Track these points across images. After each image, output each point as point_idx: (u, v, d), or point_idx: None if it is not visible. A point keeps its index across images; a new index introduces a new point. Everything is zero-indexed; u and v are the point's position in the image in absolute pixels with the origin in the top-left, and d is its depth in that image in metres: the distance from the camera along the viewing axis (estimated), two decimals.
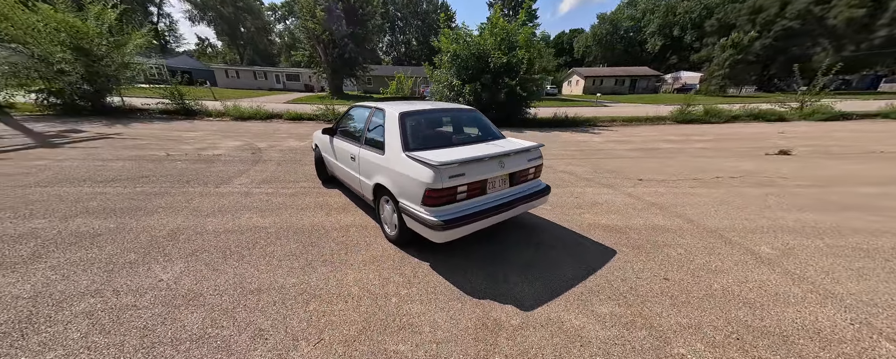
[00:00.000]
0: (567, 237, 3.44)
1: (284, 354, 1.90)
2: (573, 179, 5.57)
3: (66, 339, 1.99)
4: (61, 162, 5.97)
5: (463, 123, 3.96)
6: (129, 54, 11.61)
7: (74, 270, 2.70)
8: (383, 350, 1.95)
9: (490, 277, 2.71)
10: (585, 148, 8.38)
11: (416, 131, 3.22)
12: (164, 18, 59.09)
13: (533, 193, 3.25)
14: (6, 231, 3.34)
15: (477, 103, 12.61)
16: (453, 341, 2.02)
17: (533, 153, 3.24)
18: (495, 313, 2.27)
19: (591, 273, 2.78)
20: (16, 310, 2.22)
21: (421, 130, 3.35)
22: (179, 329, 2.08)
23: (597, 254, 3.10)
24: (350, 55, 26.37)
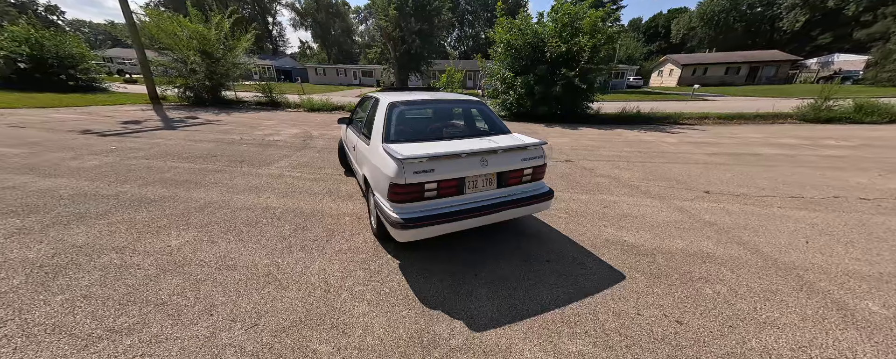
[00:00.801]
0: (569, 252, 2.90)
1: (217, 333, 1.92)
2: (613, 185, 4.75)
3: (77, 286, 2.32)
4: (168, 141, 7.25)
5: (463, 115, 3.62)
6: (238, 56, 13.70)
7: (119, 228, 3.17)
8: (304, 347, 1.83)
9: (456, 286, 2.40)
10: (648, 150, 7.15)
11: (401, 122, 3.01)
12: (276, 27, 68.74)
13: (528, 197, 2.80)
14: (100, 191, 4.12)
15: (530, 97, 11.76)
16: (377, 352, 1.81)
17: (531, 152, 2.78)
18: (439, 328, 1.99)
19: (576, 299, 2.27)
20: (64, 256, 2.68)
21: (408, 121, 3.14)
22: (153, 292, 2.26)
23: (597, 277, 2.54)
24: (416, 51, 27.07)
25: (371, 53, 30.74)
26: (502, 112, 13.30)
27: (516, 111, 12.72)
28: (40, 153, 5.88)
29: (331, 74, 47.37)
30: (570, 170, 5.52)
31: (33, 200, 3.81)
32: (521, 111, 12.56)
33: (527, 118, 12.50)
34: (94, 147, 6.45)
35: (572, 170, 5.53)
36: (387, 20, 24.93)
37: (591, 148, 7.39)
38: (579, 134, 9.53)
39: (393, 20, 24.64)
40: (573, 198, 4.20)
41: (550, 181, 4.80)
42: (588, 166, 5.76)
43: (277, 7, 66.72)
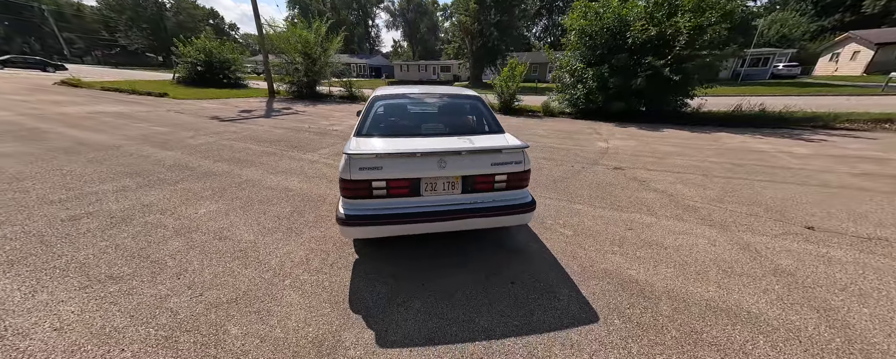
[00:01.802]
0: (546, 278, 2.40)
1: (170, 296, 2.13)
2: (661, 203, 3.80)
3: (119, 236, 2.85)
4: (258, 127, 8.53)
5: (454, 112, 3.30)
6: (330, 56, 15.48)
7: (176, 194, 3.82)
8: (221, 325, 1.90)
9: (395, 293, 2.20)
10: (751, 162, 5.53)
11: (380, 116, 2.88)
12: (373, 28, 75.14)
13: (498, 207, 2.39)
14: (189, 164, 5.05)
15: (602, 92, 10.27)
16: (278, 345, 1.76)
17: (505, 156, 2.36)
18: (346, 335, 1.84)
19: (516, 335, 1.86)
20: (131, 212, 3.34)
21: (388, 115, 2.98)
22: (156, 251, 2.63)
23: (561, 314, 2.04)
24: (494, 44, 26.22)
25: (449, 49, 31.23)
26: (568, 109, 12.03)
27: (584, 108, 11.32)
28: (176, 132, 7.52)
29: (413, 70, 49.83)
30: (613, 179, 4.64)
31: (147, 167, 4.86)
32: (591, 108, 11.13)
33: (596, 116, 11.07)
34: (209, 129, 7.98)
35: (615, 180, 4.63)
36: (467, 14, 24.90)
37: (661, 155, 6.11)
38: (656, 137, 7.99)
39: (472, 14, 24.47)
40: (593, 213, 3.50)
41: (578, 191, 4.12)
42: (641, 177, 4.76)
43: (376, 10, 72.81)
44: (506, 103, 12.90)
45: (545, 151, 6.42)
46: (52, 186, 3.99)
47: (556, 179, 4.64)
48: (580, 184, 4.42)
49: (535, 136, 8.01)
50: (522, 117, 11.95)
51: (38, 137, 6.48)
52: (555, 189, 4.21)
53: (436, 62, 50.28)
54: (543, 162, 5.52)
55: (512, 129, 8.92)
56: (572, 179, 4.64)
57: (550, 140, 7.51)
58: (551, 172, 4.96)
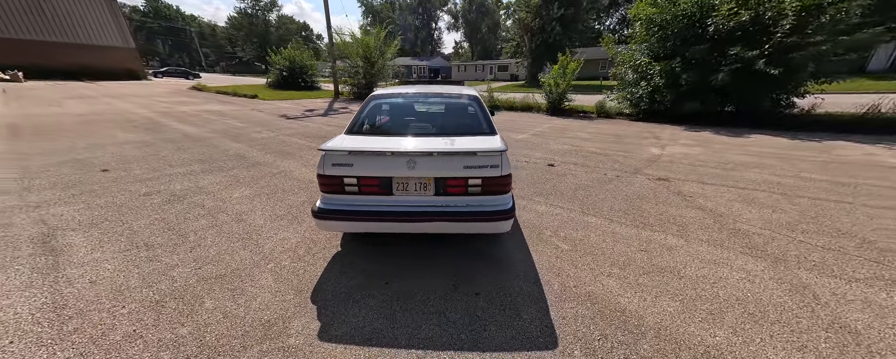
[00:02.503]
0: (516, 293, 2.18)
1: (176, 266, 2.44)
2: (701, 223, 3.17)
3: (169, 211, 3.37)
4: (312, 124, 9.37)
5: (446, 111, 3.20)
6: (387, 59, 16.37)
7: (225, 180, 4.39)
8: (201, 297, 2.12)
9: (358, 288, 2.22)
10: (869, 182, 4.30)
11: (372, 115, 2.91)
12: (436, 30, 76.66)
13: (470, 212, 2.24)
14: (245, 154, 5.78)
15: (671, 89, 8.97)
16: (234, 322, 1.91)
17: (480, 160, 2.19)
18: (296, 323, 1.91)
19: (455, 349, 1.72)
20: (188, 192, 3.94)
21: (380, 114, 2.98)
22: (188, 226, 3.05)
23: (515, 334, 1.83)
24: (555, 40, 24.55)
25: (507, 48, 30.37)
26: (628, 109, 10.80)
27: (648, 108, 10.03)
28: (248, 127, 8.67)
29: (470, 71, 49.73)
30: (650, 192, 4.02)
31: (215, 156, 5.69)
32: (656, 109, 9.82)
33: (662, 117, 9.77)
34: (274, 125, 9.03)
35: (653, 192, 4.01)
36: (527, 10, 23.91)
37: (730, 166, 5.14)
38: (734, 144, 6.75)
39: (533, 9, 23.39)
40: (605, 228, 3.07)
41: (599, 202, 3.69)
42: (688, 192, 4.05)
43: (439, 13, 74.25)
44: (554, 103, 12.11)
45: (581, 156, 5.86)
46: (147, 168, 4.90)
47: (578, 187, 4.20)
48: (606, 194, 3.93)
49: (575, 139, 7.37)
50: (570, 119, 11.13)
51: (156, 129, 8.03)
52: (572, 198, 3.81)
53: (493, 62, 49.55)
54: (573, 168, 5.05)
55: (553, 131, 8.37)
56: (598, 188, 4.15)
57: (593, 144, 6.84)
58: (577, 179, 4.51)
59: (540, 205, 3.62)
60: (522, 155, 5.86)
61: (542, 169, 5.00)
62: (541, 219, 3.27)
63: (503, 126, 9.19)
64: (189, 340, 1.77)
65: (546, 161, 5.46)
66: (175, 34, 72.14)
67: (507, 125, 9.40)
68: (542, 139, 7.37)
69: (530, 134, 8.06)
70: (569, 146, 6.63)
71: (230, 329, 1.85)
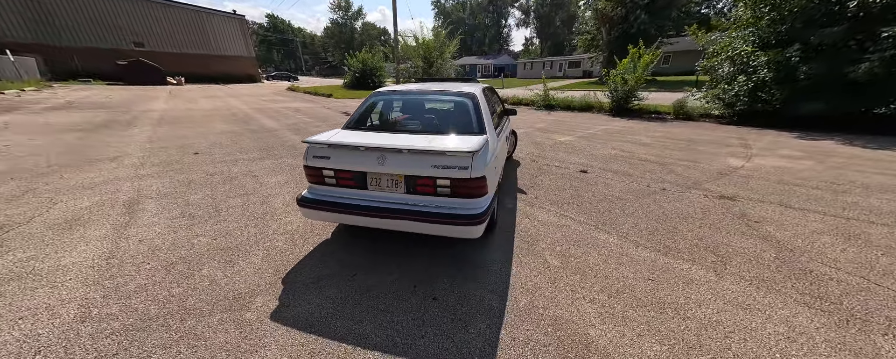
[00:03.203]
0: (476, 304, 2.01)
1: (200, 236, 2.85)
2: (751, 256, 2.50)
3: (219, 189, 3.96)
4: None
5: (439, 109, 3.11)
6: (446, 58, 16.61)
7: (272, 166, 4.98)
8: (202, 264, 2.43)
9: (325, 278, 2.31)
10: None
11: (369, 111, 2.95)
12: (505, 28, 74.37)
13: (441, 213, 2.14)
14: (298, 145, 6.47)
15: (783, 86, 7.24)
16: (214, 290, 2.16)
17: (449, 160, 2.08)
18: (259, 300, 2.07)
19: (383, 350, 1.67)
20: (240, 173, 4.59)
21: (376, 111, 3.00)
22: (224, 203, 3.54)
23: (455, 346, 1.70)
24: (639, 29, 21.43)
25: (580, 42, 27.74)
26: (717, 109, 9.10)
27: (746, 109, 8.28)
28: (314, 122, 9.69)
29: (537, 68, 46.34)
30: (699, 211, 3.33)
31: (276, 145, 6.50)
32: (758, 109, 8.04)
33: (763, 121, 8.01)
34: (334, 120, 9.91)
35: (703, 212, 3.31)
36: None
37: (844, 188, 3.99)
38: (869, 158, 5.28)
39: None
40: (614, 248, 2.63)
41: (623, 217, 3.22)
42: (756, 215, 3.25)
43: (510, 9, 71.41)
44: (619, 102, 10.76)
45: (628, 163, 5.14)
46: (224, 153, 5.84)
47: (605, 198, 3.69)
48: (636, 209, 3.38)
49: (631, 144, 6.48)
50: (637, 120, 9.85)
51: (247, 122, 9.52)
52: (590, 210, 3.37)
53: (563, 58, 45.89)
54: (609, 176, 4.45)
55: (606, 134, 7.50)
56: (630, 201, 3.59)
57: (649, 150, 5.94)
58: (608, 189, 3.97)
59: (548, 214, 3.29)
60: (556, 159, 5.39)
61: (570, 175, 4.53)
62: (541, 229, 2.97)
63: (549, 127, 8.60)
64: (176, 299, 2.05)
65: (581, 167, 4.93)
66: (285, 44, 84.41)
67: (555, 126, 8.75)
68: (588, 143, 6.68)
69: (577, 136, 7.37)
70: (618, 151, 5.88)
71: (208, 296, 2.10)
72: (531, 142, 6.74)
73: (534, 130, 8.28)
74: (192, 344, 1.71)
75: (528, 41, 77.67)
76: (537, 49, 70.68)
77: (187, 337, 1.75)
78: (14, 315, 1.91)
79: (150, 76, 28.76)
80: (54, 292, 2.11)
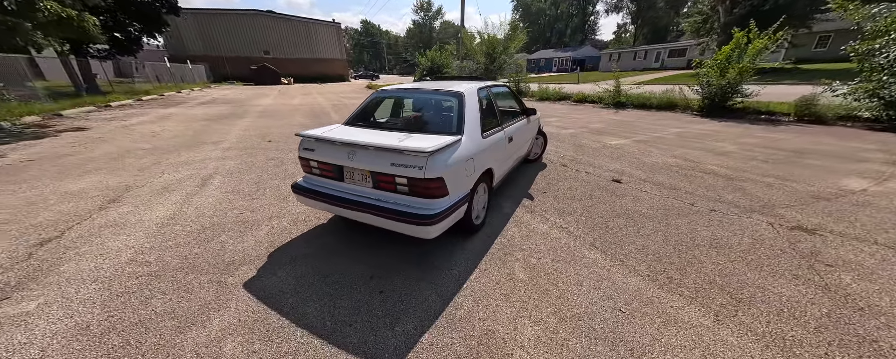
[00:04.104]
0: (415, 305, 1.99)
1: (233, 210, 3.43)
2: (792, 304, 1.90)
3: (267, 172, 4.68)
4: None
5: (424, 108, 3.09)
6: (510, 53, 15.86)
7: None
8: (221, 232, 2.94)
9: (302, 257, 2.56)
10: None
11: (366, 109, 3.08)
12: (592, 16, 66.05)
13: (397, 211, 2.18)
14: None
15: None
16: (214, 254, 2.59)
17: (407, 159, 2.10)
18: (242, 269, 2.41)
19: (314, 333, 1.81)
20: (287, 160, 5.32)
21: (371, 109, 3.12)
22: (268, 183, 4.16)
23: (375, 340, 1.75)
24: (774, 4, 16.76)
25: (688, 25, 23.25)
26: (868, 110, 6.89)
27: None
28: None
29: (626, 59, 39.69)
30: (748, 243, 2.64)
31: None
32: None
33: None
34: None
35: (752, 244, 2.61)
36: None
37: None
38: None
39: None
40: (598, 268, 2.28)
41: (633, 238, 2.84)
42: (839, 257, 2.44)
43: None
44: (712, 99, 8.89)
45: (682, 175, 4.31)
46: (292, 142, 6.80)
47: (626, 214, 3.18)
48: (656, 230, 2.85)
49: (705, 152, 5.36)
50: (734, 122, 8.09)
51: (321, 116, 10.84)
52: (597, 226, 2.96)
53: (661, 46, 38.33)
54: (646, 189, 3.81)
55: (677, 139, 6.41)
56: (656, 221, 3.04)
57: (725, 161, 4.85)
58: (637, 204, 3.41)
59: (545, 224, 3.01)
60: (591, 165, 4.82)
61: (597, 184, 4.02)
62: (527, 239, 2.74)
63: (607, 128, 7.65)
64: (191, 258, 2.54)
65: (618, 175, 4.32)
66: (374, 46, 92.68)
67: (614, 128, 7.74)
68: (645, 147, 5.78)
69: (635, 140, 6.42)
70: (679, 161, 4.96)
71: (212, 258, 2.54)
72: (574, 144, 6.15)
73: (585, 130, 7.50)
74: (181, 295, 2.11)
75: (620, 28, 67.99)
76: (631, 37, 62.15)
77: (181, 289, 2.17)
78: (96, 251, 2.62)
79: (270, 78, 34.96)
80: (127, 239, 2.82)
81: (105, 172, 4.78)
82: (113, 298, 2.09)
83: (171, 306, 2.01)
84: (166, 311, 1.96)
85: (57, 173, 4.73)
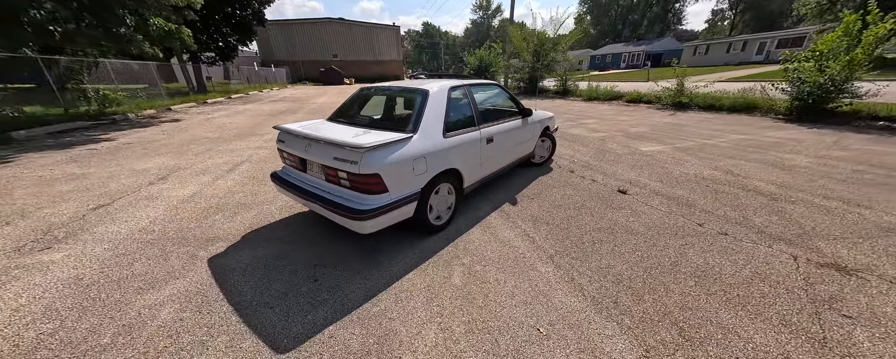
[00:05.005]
0: (343, 297, 2.01)
1: (239, 192, 3.83)
2: None
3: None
4: None
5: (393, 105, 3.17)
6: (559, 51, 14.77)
7: None
8: (220, 213, 3.30)
9: (272, 240, 2.75)
10: None
11: (346, 105, 3.16)
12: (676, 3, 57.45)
13: (338, 203, 2.24)
14: None
15: None
16: (203, 231, 2.92)
17: (345, 154, 2.14)
18: (218, 245, 2.69)
19: (241, 307, 1.95)
20: None
21: (349, 105, 3.17)
22: None
23: (275, 322, 1.81)
24: None
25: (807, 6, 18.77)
26: None
27: None
28: None
29: (716, 52, 33.59)
30: (752, 275, 2.15)
31: None
32: None
33: None
34: None
35: (759, 277, 2.12)
36: None
37: None
38: None
39: None
40: (541, 284, 2.04)
41: (605, 257, 2.53)
42: (862, 305, 1.88)
43: None
44: (805, 100, 7.24)
45: (712, 190, 3.64)
46: None
47: (611, 229, 2.79)
48: (636, 251, 2.46)
49: (757, 165, 4.44)
50: (832, 129, 6.57)
51: None
52: (568, 240, 2.65)
53: (767, 35, 30.78)
54: (657, 204, 3.30)
55: (735, 149, 5.63)
56: (644, 240, 2.61)
57: (782, 177, 3.98)
58: (631, 220, 2.97)
59: (512, 230, 2.80)
60: (603, 172, 4.32)
61: (598, 194, 3.59)
62: (484, 245, 2.58)
63: (647, 133, 6.77)
64: (186, 231, 2.90)
65: (629, 185, 3.82)
66: (433, 47, 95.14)
67: (656, 132, 6.79)
68: (682, 155, 5.00)
69: (675, 147, 5.59)
70: (717, 173, 4.20)
71: (200, 234, 2.86)
72: (598, 149, 5.59)
73: (621, 134, 6.75)
74: (159, 262, 2.43)
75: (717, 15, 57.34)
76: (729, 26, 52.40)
77: (162, 256, 2.50)
78: (125, 218, 3.14)
79: (335, 78, 38.12)
80: (150, 211, 3.33)
81: (171, 156, 5.67)
82: (112, 257, 2.49)
83: (146, 269, 2.32)
84: (140, 273, 2.28)
85: (140, 154, 5.75)
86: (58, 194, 3.86)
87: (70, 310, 1.92)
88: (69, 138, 7.15)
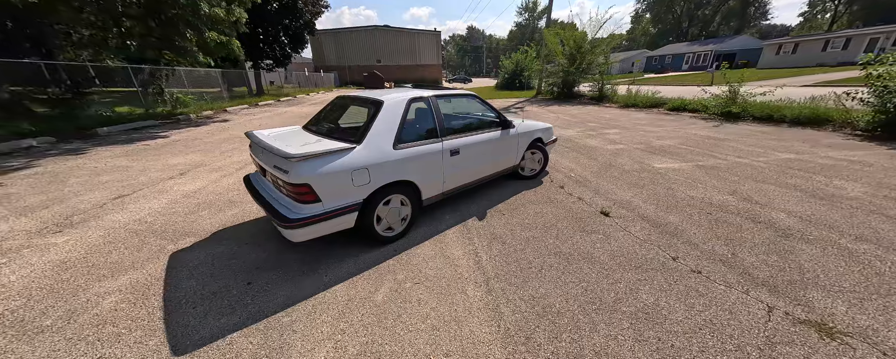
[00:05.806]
0: (270, 298, 2.03)
1: (231, 187, 4.08)
2: None
3: None
4: None
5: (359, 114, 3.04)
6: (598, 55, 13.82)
7: None
8: (208, 209, 3.53)
9: (230, 238, 2.88)
10: None
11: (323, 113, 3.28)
12: None
13: (274, 209, 2.28)
14: None
15: None
16: (195, 227, 3.15)
17: (282, 163, 2.18)
18: (186, 239, 2.87)
19: (186, 300, 2.05)
20: None
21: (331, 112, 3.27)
22: None
23: (192, 320, 1.87)
24: None
25: None
26: None
27: None
28: None
29: (807, 50, 27.60)
30: (705, 323, 1.81)
31: None
32: None
33: None
34: None
35: (707, 326, 1.78)
36: None
37: None
38: None
39: None
40: (463, 312, 1.89)
41: (547, 283, 2.33)
42: None
43: None
44: (892, 114, 5.91)
45: (713, 220, 3.16)
46: None
47: (571, 256, 2.52)
48: (585, 282, 2.19)
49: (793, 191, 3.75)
50: None
51: None
52: (518, 263, 2.43)
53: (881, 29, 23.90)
54: (637, 231, 2.93)
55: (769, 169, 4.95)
56: (602, 271, 2.32)
57: (823, 209, 3.33)
58: (598, 247, 2.66)
59: (463, 247, 2.65)
60: (594, 191, 3.94)
61: (578, 214, 3.28)
62: (427, 261, 2.47)
63: (674, 147, 6.00)
64: (173, 224, 3.15)
65: (616, 206, 3.45)
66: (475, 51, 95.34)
67: (684, 147, 5.96)
68: (701, 175, 4.40)
69: (696, 165, 4.94)
70: (733, 199, 3.63)
71: (181, 227, 3.09)
72: (604, 164, 5.15)
73: (641, 148, 6.11)
74: (133, 251, 2.66)
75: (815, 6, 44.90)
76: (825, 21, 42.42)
77: (137, 247, 2.73)
78: (132, 208, 3.48)
79: (376, 82, 39.84)
80: (154, 203, 3.67)
81: (201, 152, 6.23)
82: (101, 244, 2.76)
83: (119, 258, 2.54)
84: (113, 262, 2.50)
85: (180, 150, 6.39)
86: (98, 184, 4.39)
87: (40, 290, 2.16)
88: (137, 135, 8.16)
